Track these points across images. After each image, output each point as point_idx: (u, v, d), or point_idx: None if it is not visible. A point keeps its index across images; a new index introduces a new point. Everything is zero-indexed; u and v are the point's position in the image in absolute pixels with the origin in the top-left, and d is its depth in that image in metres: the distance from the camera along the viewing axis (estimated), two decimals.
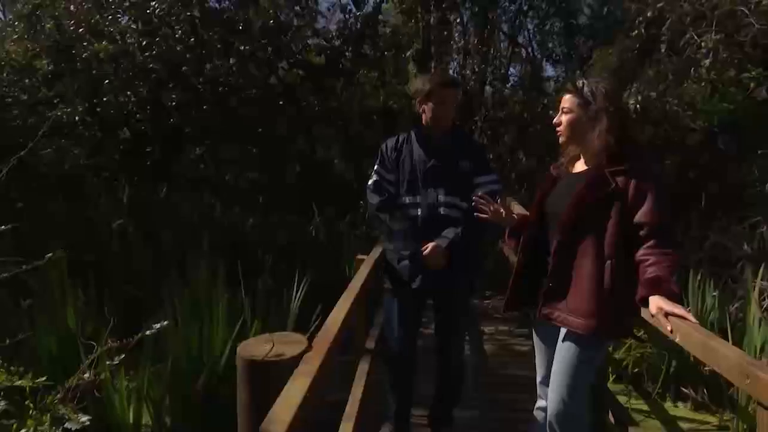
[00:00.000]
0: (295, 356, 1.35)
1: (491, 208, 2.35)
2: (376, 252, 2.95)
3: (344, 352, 2.50)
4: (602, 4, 7.41)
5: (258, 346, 1.40)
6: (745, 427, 3.68)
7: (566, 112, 2.18)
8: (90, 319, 3.32)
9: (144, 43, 6.74)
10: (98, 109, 7.56)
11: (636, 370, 4.39)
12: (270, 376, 1.33)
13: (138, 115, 7.93)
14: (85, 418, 1.62)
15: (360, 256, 3.05)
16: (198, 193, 7.05)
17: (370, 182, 3.01)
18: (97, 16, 6.76)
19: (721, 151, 6.90)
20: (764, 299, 4.30)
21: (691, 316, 1.80)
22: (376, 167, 3.01)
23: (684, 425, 3.88)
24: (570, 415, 2.09)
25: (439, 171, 2.86)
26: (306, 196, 7.44)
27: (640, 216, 1.98)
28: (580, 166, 2.21)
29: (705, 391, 4.01)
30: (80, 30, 6.60)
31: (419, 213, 2.88)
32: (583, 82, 2.18)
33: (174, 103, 7.23)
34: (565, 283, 2.09)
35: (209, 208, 6.48)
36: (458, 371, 3.08)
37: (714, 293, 4.32)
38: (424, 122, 2.92)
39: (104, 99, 7.25)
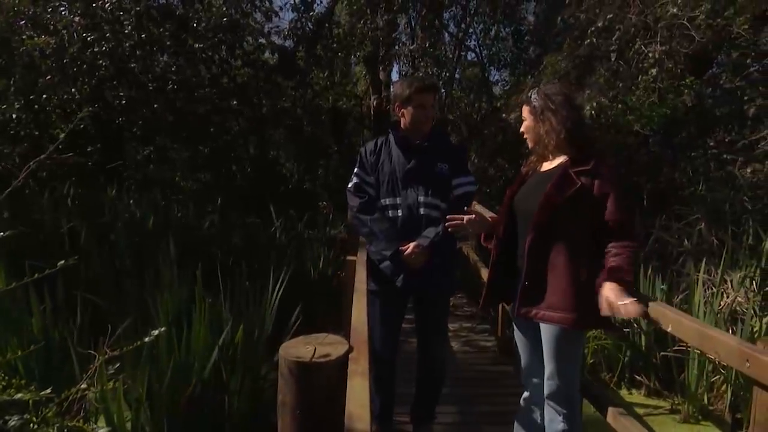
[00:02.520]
0: (341, 356, 1.38)
1: (466, 219, 2.43)
2: (364, 252, 2.98)
3: None
4: (551, 12, 7.74)
5: (300, 348, 1.42)
6: (694, 410, 3.99)
7: (524, 121, 2.38)
8: (56, 328, 3.16)
9: (89, 38, 6.41)
10: (36, 106, 7.13)
11: (592, 360, 4.65)
12: (318, 376, 1.35)
13: (79, 113, 7.53)
14: (103, 429, 1.56)
15: (350, 257, 3.07)
16: (149, 194, 6.79)
17: (350, 185, 3.04)
18: (38, 9, 6.36)
19: (654, 153, 7.39)
20: (706, 290, 4.65)
21: (634, 307, 1.99)
22: (356, 170, 3.04)
23: (639, 410, 4.14)
24: (568, 396, 2.26)
25: (419, 173, 2.92)
26: (259, 197, 7.33)
27: (605, 213, 2.12)
28: (547, 166, 2.35)
29: (661, 377, 4.29)
30: (21, 23, 6.20)
31: (400, 214, 2.92)
32: (532, 92, 2.37)
33: (123, 101, 6.92)
34: (541, 280, 2.21)
35: (164, 210, 6.26)
36: (440, 369, 3.16)
37: (662, 286, 4.63)
38: (402, 126, 2.97)
39: (43, 96, 6.84)
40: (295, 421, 1.36)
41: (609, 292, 2.04)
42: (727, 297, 4.54)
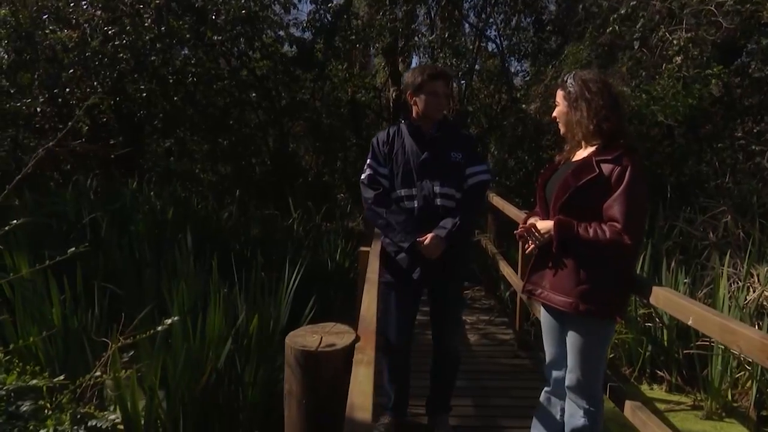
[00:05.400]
0: (347, 346, 1.36)
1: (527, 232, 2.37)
2: (378, 244, 2.96)
3: None
4: (573, 0, 7.58)
5: (307, 338, 1.41)
6: (717, 406, 3.90)
7: (557, 106, 2.32)
8: (76, 316, 3.21)
9: (110, 31, 6.48)
10: (59, 100, 7.25)
11: (612, 355, 4.57)
12: (324, 366, 1.33)
13: (102, 106, 7.64)
14: (113, 416, 1.57)
15: (364, 248, 3.06)
16: (169, 186, 6.86)
17: (363, 176, 3.01)
18: (60, 3, 6.45)
19: (680, 144, 7.22)
20: (730, 285, 4.53)
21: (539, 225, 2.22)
22: (368, 161, 3.01)
23: (660, 406, 4.06)
24: (590, 391, 2.23)
25: (434, 163, 2.89)
26: (279, 189, 7.36)
27: (607, 207, 2.07)
28: (580, 154, 2.30)
29: (684, 373, 4.20)
30: (44, 17, 6.29)
31: (416, 205, 2.90)
32: (568, 76, 2.29)
33: (144, 94, 6.99)
34: (550, 262, 2.22)
35: (183, 201, 6.32)
36: (454, 359, 3.14)
37: (686, 280, 4.52)
38: (414, 114, 2.94)
39: (66, 90, 6.94)
40: (301, 411, 1.35)
41: (540, 221, 2.23)
42: (754, 291, 4.42)
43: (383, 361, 3.09)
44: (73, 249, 1.69)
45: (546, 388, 2.49)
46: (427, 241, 2.81)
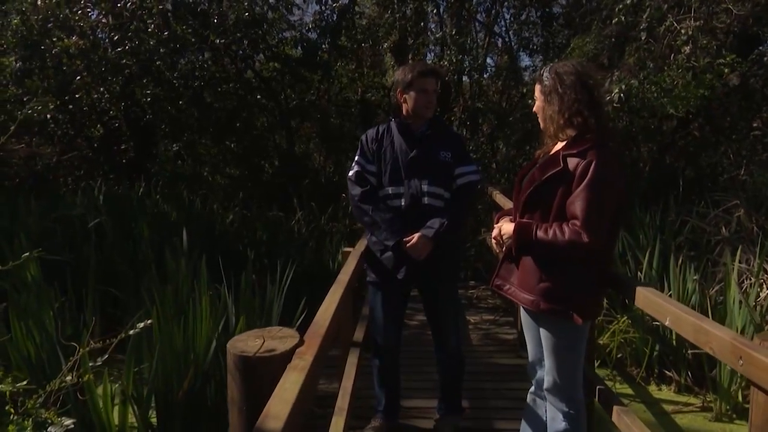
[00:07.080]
0: (287, 351, 1.32)
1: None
2: (362, 244, 2.91)
3: (333, 345, 2.46)
4: None
5: (248, 342, 1.37)
6: (727, 407, 3.76)
7: (536, 100, 2.26)
8: (69, 320, 3.23)
9: (115, 37, 6.56)
10: (70, 106, 7.37)
11: (619, 355, 4.44)
12: (262, 372, 1.29)
13: (111, 112, 7.75)
14: (69, 422, 1.56)
15: (346, 249, 3.02)
16: (177, 190, 6.92)
17: (351, 173, 2.99)
18: (66, 11, 6.55)
19: (695, 136, 7.01)
20: (743, 281, 4.37)
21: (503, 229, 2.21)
22: (356, 158, 2.99)
23: (668, 407, 3.93)
24: (568, 393, 2.16)
25: (422, 161, 2.86)
26: (286, 191, 7.36)
27: (569, 204, 2.00)
28: (555, 148, 2.23)
29: (689, 373, 4.06)
30: (49, 25, 6.39)
31: (403, 203, 2.87)
32: (544, 69, 2.24)
33: (149, 99, 7.07)
34: (517, 258, 2.17)
35: (188, 204, 6.36)
36: (457, 359, 3.07)
37: (695, 277, 4.37)
38: (404, 112, 2.91)
39: (76, 96, 7.05)
40: (242, 419, 1.31)
41: (505, 224, 2.20)
42: (767, 288, 4.25)
43: (372, 362, 3.05)
44: (27, 254, 1.69)
45: (531, 389, 2.43)
46: (413, 241, 2.77)
